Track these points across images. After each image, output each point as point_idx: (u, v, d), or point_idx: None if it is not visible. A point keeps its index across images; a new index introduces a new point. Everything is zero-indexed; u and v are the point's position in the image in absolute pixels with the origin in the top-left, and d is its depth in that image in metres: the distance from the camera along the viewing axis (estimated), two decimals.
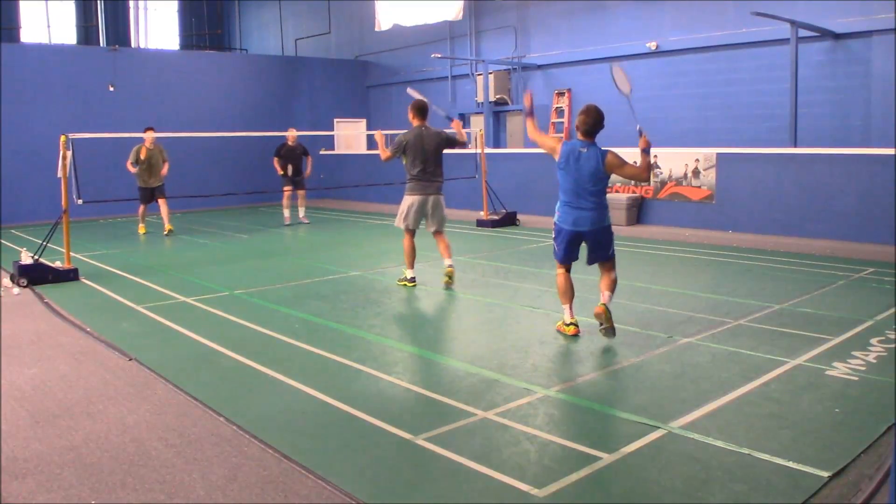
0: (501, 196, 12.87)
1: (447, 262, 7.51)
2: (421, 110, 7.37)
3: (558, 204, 5.43)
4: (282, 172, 13.35)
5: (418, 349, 5.42)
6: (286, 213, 13.83)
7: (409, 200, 7.36)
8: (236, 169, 14.79)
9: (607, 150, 5.29)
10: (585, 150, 5.28)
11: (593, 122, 5.28)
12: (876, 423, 3.78)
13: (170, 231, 12.38)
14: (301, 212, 13.96)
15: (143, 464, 3.48)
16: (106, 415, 4.13)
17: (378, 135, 7.72)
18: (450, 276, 7.45)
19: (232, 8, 26.65)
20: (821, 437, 3.66)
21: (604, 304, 5.29)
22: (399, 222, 7.46)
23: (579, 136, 5.34)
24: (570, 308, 5.52)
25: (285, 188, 13.51)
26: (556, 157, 5.39)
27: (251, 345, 5.49)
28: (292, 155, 13.38)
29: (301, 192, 13.71)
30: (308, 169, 13.71)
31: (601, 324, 5.28)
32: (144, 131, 12.14)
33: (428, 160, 7.27)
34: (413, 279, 7.51)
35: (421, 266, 8.82)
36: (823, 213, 10.31)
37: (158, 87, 17.37)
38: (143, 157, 11.85)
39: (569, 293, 5.52)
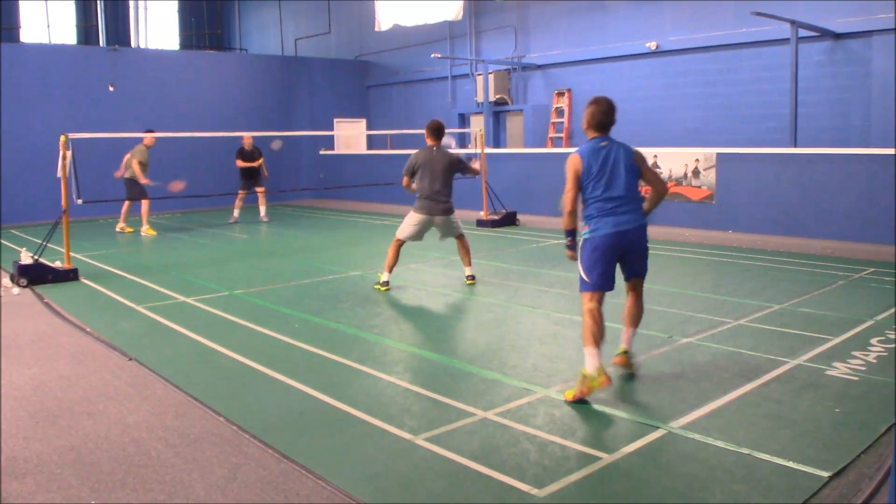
0: (501, 196, 12.87)
1: (467, 271, 7.63)
2: (436, 131, 7.38)
3: (586, 220, 4.43)
4: (250, 164, 14.08)
5: (418, 349, 5.42)
6: (236, 212, 14.34)
7: (413, 217, 7.43)
8: (236, 169, 14.85)
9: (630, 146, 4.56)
10: (606, 143, 4.47)
11: (606, 112, 4.49)
12: (876, 423, 3.78)
13: (145, 231, 12.70)
14: (262, 210, 14.50)
15: (143, 464, 3.48)
16: (106, 415, 4.13)
17: (405, 181, 7.58)
18: (470, 283, 7.58)
19: (232, 8, 26.65)
20: (821, 437, 3.65)
21: (625, 352, 4.67)
22: (399, 233, 7.50)
23: (591, 133, 4.51)
24: (599, 352, 4.23)
25: (241, 190, 14.13)
26: (580, 170, 4.38)
27: (251, 345, 5.49)
28: (250, 158, 14.12)
29: (260, 190, 14.28)
30: (265, 172, 14.35)
31: (626, 370, 4.66)
32: (146, 132, 12.47)
33: (435, 180, 7.27)
34: (387, 283, 7.43)
35: (419, 266, 8.83)
36: (823, 213, 10.32)
37: (158, 87, 17.37)
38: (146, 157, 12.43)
39: (599, 332, 4.28)
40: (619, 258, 4.50)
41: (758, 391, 4.29)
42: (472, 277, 7.63)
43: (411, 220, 7.46)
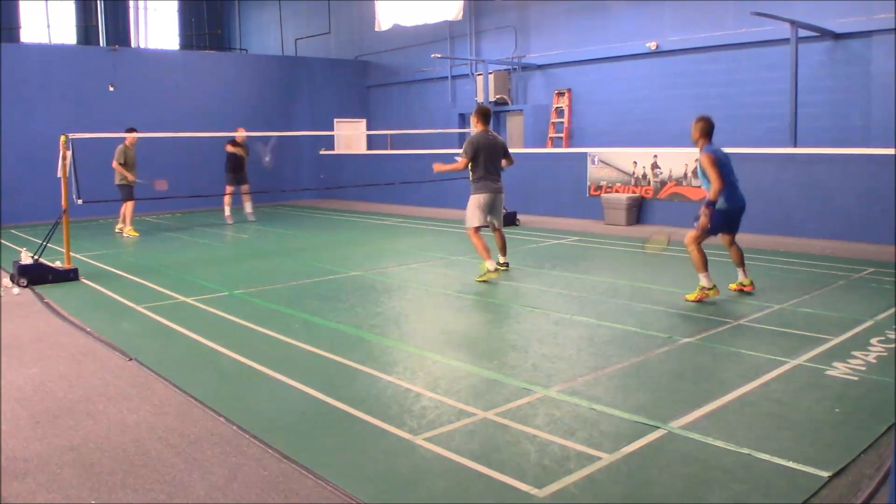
0: None
1: (503, 259, 8.16)
2: (486, 116, 7.96)
3: (724, 196, 6.65)
4: (238, 151, 13.82)
5: (418, 349, 5.42)
6: (227, 210, 14.14)
7: (480, 199, 7.78)
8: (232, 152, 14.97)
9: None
10: (719, 146, 6.77)
11: (713, 126, 6.83)
12: (876, 423, 3.78)
13: (127, 232, 12.58)
14: (247, 207, 14.37)
15: (143, 464, 3.48)
16: (106, 415, 4.13)
17: (438, 166, 8.17)
18: (504, 270, 8.08)
19: (232, 8, 26.65)
20: (821, 437, 3.66)
21: (741, 283, 6.86)
22: (472, 222, 7.81)
23: (705, 141, 6.77)
24: (708, 274, 6.59)
25: (228, 186, 13.98)
26: (719, 162, 6.58)
27: (251, 345, 5.49)
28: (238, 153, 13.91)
29: (244, 188, 14.18)
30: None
31: (744, 290, 6.83)
32: (127, 131, 12.39)
33: (494, 161, 7.85)
34: (497, 268, 7.80)
35: (419, 266, 8.83)
36: (823, 213, 10.31)
37: (158, 87, 17.37)
38: (129, 157, 12.32)
39: (706, 263, 6.61)
40: (732, 221, 6.84)
41: (758, 391, 4.29)
42: (506, 265, 8.13)
43: (477, 203, 7.78)
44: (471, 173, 7.87)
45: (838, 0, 11.60)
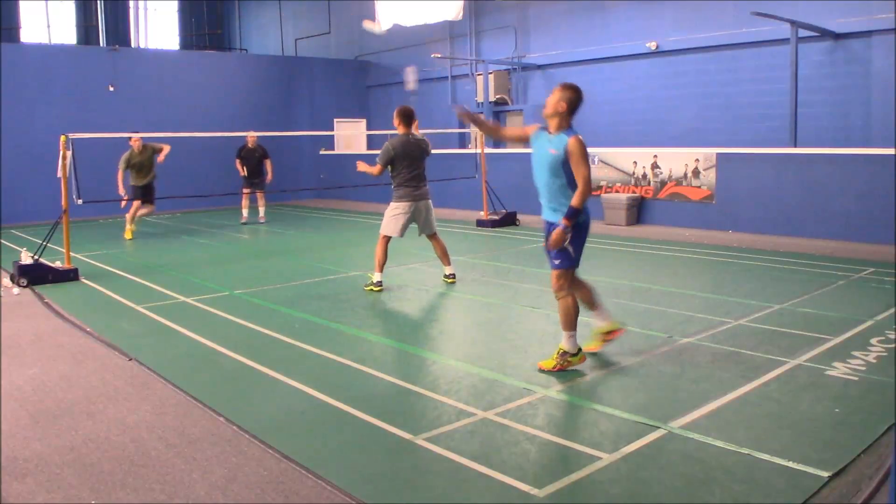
0: (501, 196, 12.87)
1: (448, 270, 7.64)
2: (408, 117, 7.30)
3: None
4: (243, 174, 13.71)
5: (418, 349, 5.42)
6: (244, 212, 14.02)
7: (400, 207, 7.30)
8: (236, 169, 14.91)
9: None
10: None
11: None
12: (876, 423, 3.78)
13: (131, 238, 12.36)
14: (260, 212, 14.19)
15: (143, 464, 3.48)
16: (106, 415, 4.13)
17: (361, 165, 7.44)
18: (451, 282, 7.63)
19: (232, 8, 26.65)
20: (821, 437, 3.65)
21: (619, 324, 5.05)
22: (385, 230, 7.36)
23: (570, 119, 4.68)
24: (574, 334, 4.68)
25: (245, 189, 13.83)
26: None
27: (251, 345, 5.49)
28: (251, 157, 13.72)
29: (260, 194, 14.00)
30: (269, 174, 13.97)
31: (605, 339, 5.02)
32: (130, 140, 11.93)
33: (416, 167, 7.29)
34: (380, 283, 7.35)
35: (419, 266, 8.83)
36: (823, 213, 10.32)
37: (158, 87, 17.37)
38: (136, 161, 11.82)
39: (576, 317, 4.67)
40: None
41: (758, 391, 4.29)
42: (453, 276, 7.63)
43: (395, 211, 7.32)
44: (392, 179, 7.37)
45: (838, 0, 11.60)
